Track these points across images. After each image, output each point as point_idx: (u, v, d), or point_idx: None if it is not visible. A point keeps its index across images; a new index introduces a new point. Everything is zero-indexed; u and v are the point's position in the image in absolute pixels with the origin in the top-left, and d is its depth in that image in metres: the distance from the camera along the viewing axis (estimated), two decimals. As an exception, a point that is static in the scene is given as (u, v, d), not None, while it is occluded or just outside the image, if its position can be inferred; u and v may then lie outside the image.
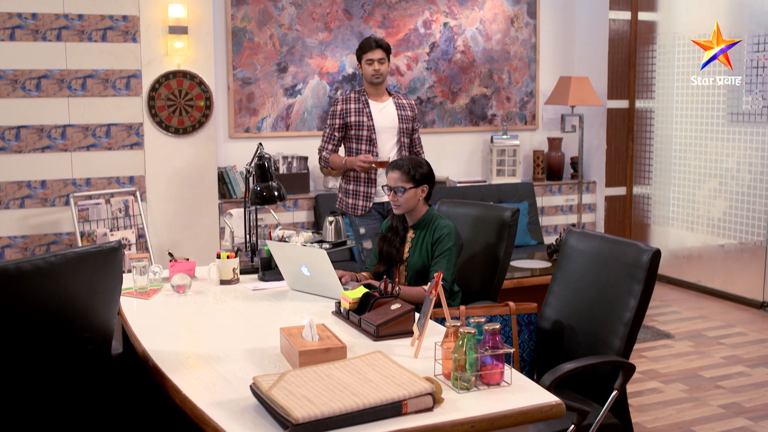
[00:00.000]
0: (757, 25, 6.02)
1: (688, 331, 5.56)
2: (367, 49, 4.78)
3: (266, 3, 6.28)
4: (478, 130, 7.10)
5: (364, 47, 4.80)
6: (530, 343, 3.13)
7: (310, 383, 2.10)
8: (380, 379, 2.12)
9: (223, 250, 3.51)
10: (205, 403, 2.13)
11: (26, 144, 5.46)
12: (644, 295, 2.86)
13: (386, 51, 4.82)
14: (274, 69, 6.37)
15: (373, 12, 6.60)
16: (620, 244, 3.02)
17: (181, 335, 2.78)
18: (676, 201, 6.84)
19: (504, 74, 7.12)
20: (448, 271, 3.40)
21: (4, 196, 5.44)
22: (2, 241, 5.47)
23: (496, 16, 7.02)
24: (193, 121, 5.85)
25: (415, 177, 3.44)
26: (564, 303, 3.19)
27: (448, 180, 6.79)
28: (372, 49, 4.77)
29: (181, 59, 5.76)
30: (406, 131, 4.87)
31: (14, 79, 5.38)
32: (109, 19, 5.55)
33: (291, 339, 2.44)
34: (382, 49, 4.78)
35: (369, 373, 2.16)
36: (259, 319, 2.96)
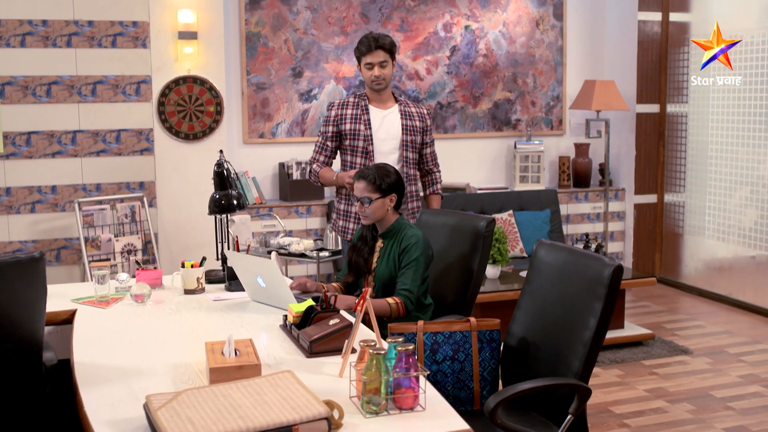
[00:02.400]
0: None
1: (709, 347, 5.29)
2: (366, 51, 4.08)
3: (281, 7, 6.23)
4: (502, 136, 6.92)
5: (362, 48, 4.09)
6: (492, 362, 2.97)
7: (203, 404, 2.00)
8: (277, 401, 2.01)
9: (188, 259, 3.44)
10: (99, 421, 2.06)
11: (37, 149, 5.51)
12: (604, 314, 2.67)
13: (389, 52, 4.09)
14: (288, 74, 6.31)
15: (391, 15, 6.49)
16: (584, 258, 2.84)
17: (117, 347, 2.72)
18: (711, 210, 6.54)
19: (529, 78, 6.93)
20: (414, 283, 3.26)
21: (15, 201, 5.50)
22: (13, 246, 5.53)
23: (520, 18, 6.83)
24: (203, 127, 5.82)
25: (382, 187, 3.31)
26: (531, 319, 3.02)
27: (468, 187, 6.63)
28: (371, 51, 4.06)
29: (192, 65, 5.74)
30: (411, 145, 4.18)
31: (25, 85, 5.43)
32: (119, 25, 5.57)
33: (209, 355, 2.34)
34: (383, 50, 4.05)
35: (268, 394, 2.05)
36: (204, 332, 2.87)
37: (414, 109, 4.25)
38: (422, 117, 4.26)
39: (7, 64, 5.38)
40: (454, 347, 2.94)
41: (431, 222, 3.73)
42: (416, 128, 4.20)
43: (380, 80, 4.09)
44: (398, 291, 3.25)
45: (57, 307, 3.23)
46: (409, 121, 4.19)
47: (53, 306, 3.26)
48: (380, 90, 4.13)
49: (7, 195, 5.48)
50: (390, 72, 4.12)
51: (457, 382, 2.93)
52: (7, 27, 5.35)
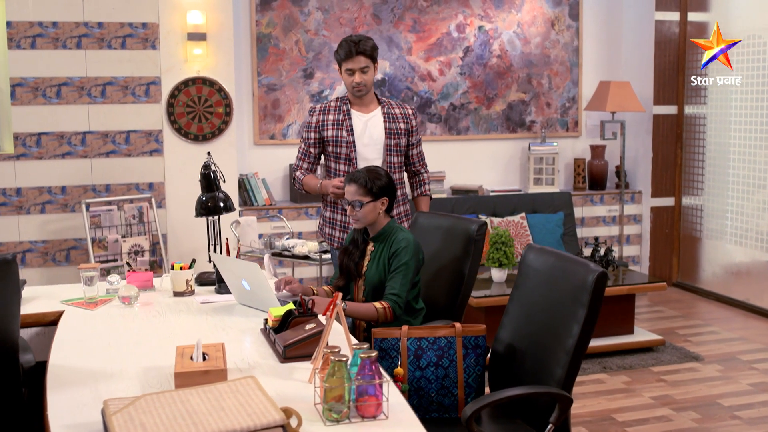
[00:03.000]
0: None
1: (721, 354, 5.18)
2: (345, 57, 3.88)
3: (292, 8, 6.21)
4: (516, 138, 6.84)
5: (341, 54, 3.89)
6: (477, 368, 2.92)
7: (159, 409, 1.98)
8: (234, 408, 1.98)
9: (178, 261, 3.43)
10: (58, 425, 2.04)
11: (47, 150, 5.54)
12: (588, 321, 2.60)
13: (370, 57, 3.90)
14: (299, 75, 6.29)
15: (403, 16, 6.44)
16: (570, 263, 2.77)
17: (95, 349, 2.70)
18: (731, 213, 6.40)
19: (544, 79, 6.84)
20: (403, 287, 3.21)
21: (26, 202, 5.54)
22: (23, 246, 5.57)
23: (535, 18, 6.75)
24: (212, 128, 5.82)
25: (373, 190, 3.25)
26: (518, 325, 2.96)
27: (481, 189, 6.56)
28: (351, 56, 3.86)
29: (201, 66, 5.74)
30: (396, 149, 4.01)
31: (35, 87, 5.47)
32: (129, 27, 5.59)
33: (177, 359, 2.32)
34: (364, 56, 3.87)
35: (227, 400, 2.02)
36: (184, 335, 2.85)
37: (398, 110, 4.08)
38: (407, 118, 4.08)
39: (18, 65, 5.43)
40: (439, 353, 2.89)
41: (426, 225, 3.68)
42: (400, 130, 4.04)
43: (361, 86, 3.92)
44: (386, 295, 3.20)
45: (46, 309, 3.24)
46: (392, 123, 4.03)
47: (43, 307, 3.28)
48: (362, 96, 3.98)
49: (17, 195, 5.52)
50: (372, 77, 3.94)
51: (441, 388, 2.88)
52: (18, 29, 5.40)
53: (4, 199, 5.50)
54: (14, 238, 5.54)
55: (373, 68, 3.96)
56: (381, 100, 4.10)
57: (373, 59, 3.95)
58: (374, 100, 4.09)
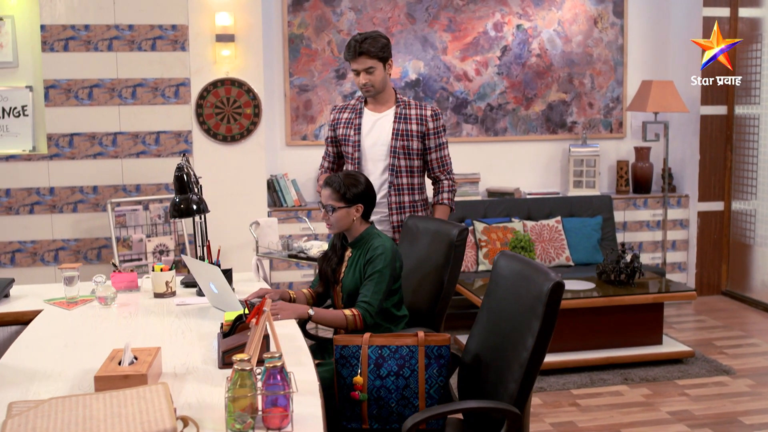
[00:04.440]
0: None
1: (755, 368, 4.90)
2: (349, 58, 3.79)
3: (324, 9, 6.19)
4: (556, 139, 6.65)
5: (346, 54, 3.82)
6: (439, 379, 2.81)
7: (59, 414, 1.96)
8: (131, 415, 1.94)
9: (159, 263, 3.43)
10: (-31, 427, 2.04)
11: (79, 150, 5.66)
12: (542, 334, 2.47)
13: (375, 57, 3.76)
14: (332, 76, 6.26)
15: (438, 15, 6.34)
16: (534, 271, 2.63)
17: (49, 349, 2.71)
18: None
19: (586, 79, 6.63)
20: (375, 295, 3.12)
21: (59, 201, 5.67)
22: (56, 244, 5.71)
23: (576, 16, 6.55)
24: (241, 129, 5.85)
25: (346, 196, 3.17)
26: (485, 335, 2.85)
27: (517, 191, 6.40)
28: (355, 58, 3.76)
29: (230, 67, 5.77)
30: (403, 151, 3.84)
31: (68, 89, 5.60)
32: (159, 29, 5.66)
33: (105, 362, 2.31)
34: (367, 56, 3.74)
35: (128, 407, 1.99)
36: (144, 337, 2.84)
37: (414, 111, 3.90)
38: (421, 120, 3.89)
39: (51, 68, 5.56)
40: (400, 362, 2.80)
41: (415, 229, 3.58)
42: (411, 132, 3.86)
43: (369, 87, 3.81)
44: (358, 303, 3.12)
45: (28, 307, 3.29)
46: (403, 125, 3.87)
47: (25, 306, 3.32)
48: (371, 96, 3.88)
49: (50, 194, 5.66)
50: (380, 77, 3.80)
51: (402, 398, 2.79)
52: (51, 32, 5.53)
53: (38, 198, 5.65)
54: (47, 236, 5.68)
55: (381, 67, 3.81)
56: (399, 100, 3.94)
57: (380, 59, 3.80)
58: (391, 99, 3.93)
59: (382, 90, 3.86)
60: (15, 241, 5.66)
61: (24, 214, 5.63)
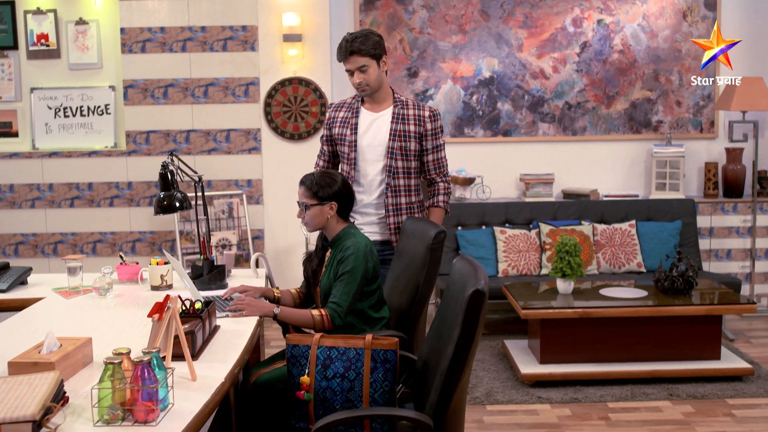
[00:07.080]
0: None
1: (823, 391, 4.49)
2: (341, 59, 3.68)
3: (396, 7, 6.18)
4: (640, 139, 6.33)
5: (338, 55, 3.71)
6: (384, 384, 2.76)
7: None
8: (13, 399, 2.03)
9: (156, 257, 3.56)
10: None
11: (155, 147, 5.95)
12: (461, 343, 2.37)
13: (368, 55, 3.63)
14: (404, 74, 6.25)
15: (513, 11, 6.19)
16: (468, 276, 2.53)
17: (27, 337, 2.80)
18: None
19: (673, 75, 6.27)
20: (345, 296, 3.09)
21: (136, 194, 5.98)
22: (133, 235, 6.02)
23: (663, 9, 6.20)
24: (308, 127, 5.95)
25: (319, 194, 3.16)
26: (433, 340, 2.78)
27: (594, 193, 6.15)
28: (346, 57, 3.65)
29: (298, 66, 5.89)
30: (401, 152, 3.72)
31: (145, 88, 5.89)
32: (230, 30, 5.85)
33: (30, 348, 2.43)
34: (359, 55, 3.62)
35: (14, 391, 2.08)
36: (109, 327, 2.95)
37: (412, 111, 3.76)
38: (420, 120, 3.75)
39: (130, 68, 5.87)
40: (346, 364, 2.78)
41: (408, 230, 3.53)
42: (409, 133, 3.72)
43: (364, 86, 3.68)
44: (327, 303, 3.12)
45: (35, 295, 3.49)
46: (400, 125, 3.73)
47: (34, 293, 3.54)
48: (367, 95, 3.76)
49: (128, 189, 5.98)
50: (374, 75, 3.67)
51: (346, 401, 2.77)
52: (130, 35, 5.83)
53: (117, 192, 5.98)
54: (125, 228, 6.01)
55: (375, 65, 3.67)
56: (397, 99, 3.81)
57: (372, 56, 3.66)
58: (389, 98, 3.80)
59: (378, 88, 3.73)
60: (96, 232, 6.02)
61: (104, 207, 5.98)
